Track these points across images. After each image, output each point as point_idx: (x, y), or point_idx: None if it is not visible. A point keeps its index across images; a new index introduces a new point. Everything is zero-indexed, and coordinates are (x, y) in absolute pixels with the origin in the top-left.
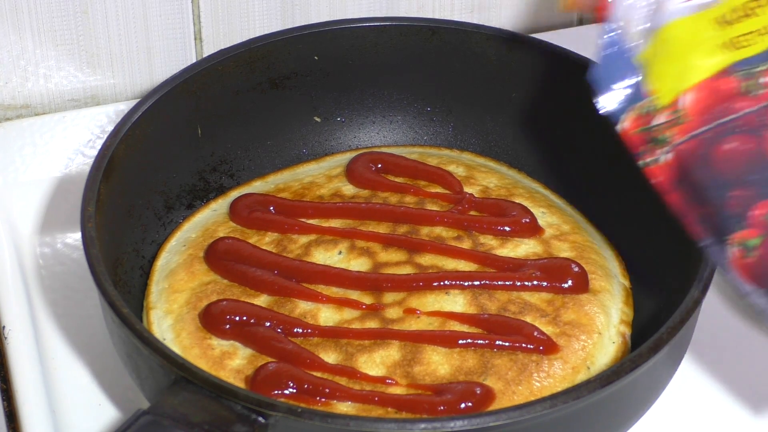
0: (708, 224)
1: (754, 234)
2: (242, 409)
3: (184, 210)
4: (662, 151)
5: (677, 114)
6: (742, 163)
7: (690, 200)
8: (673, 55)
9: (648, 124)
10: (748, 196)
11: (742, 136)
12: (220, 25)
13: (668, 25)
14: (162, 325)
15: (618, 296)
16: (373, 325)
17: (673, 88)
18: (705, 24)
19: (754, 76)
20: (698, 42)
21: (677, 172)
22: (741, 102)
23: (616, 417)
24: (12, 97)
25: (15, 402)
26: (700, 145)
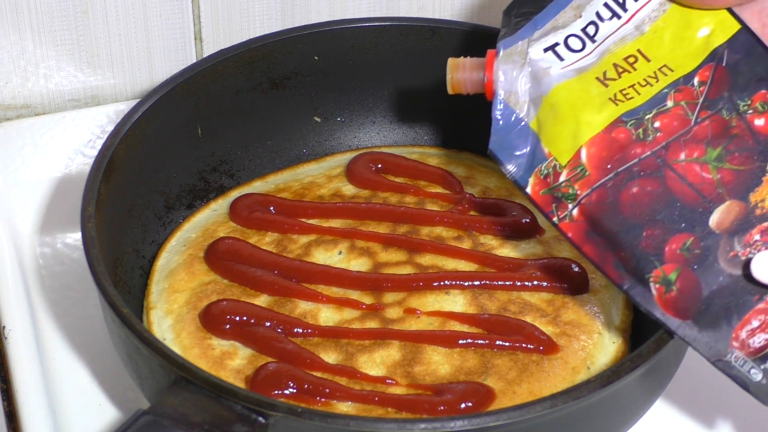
0: (626, 268)
1: (672, 268)
2: (242, 409)
3: (184, 210)
4: (571, 206)
5: (578, 169)
6: (649, 204)
7: (604, 248)
8: (563, 116)
9: (550, 185)
10: (660, 233)
11: (645, 180)
12: (220, 25)
13: (554, 90)
14: (162, 325)
15: (618, 296)
16: (374, 325)
17: (570, 147)
18: (588, 84)
19: (645, 123)
20: (585, 100)
21: (587, 224)
22: (636, 148)
23: (616, 417)
24: (12, 97)
25: (15, 402)
26: (605, 195)
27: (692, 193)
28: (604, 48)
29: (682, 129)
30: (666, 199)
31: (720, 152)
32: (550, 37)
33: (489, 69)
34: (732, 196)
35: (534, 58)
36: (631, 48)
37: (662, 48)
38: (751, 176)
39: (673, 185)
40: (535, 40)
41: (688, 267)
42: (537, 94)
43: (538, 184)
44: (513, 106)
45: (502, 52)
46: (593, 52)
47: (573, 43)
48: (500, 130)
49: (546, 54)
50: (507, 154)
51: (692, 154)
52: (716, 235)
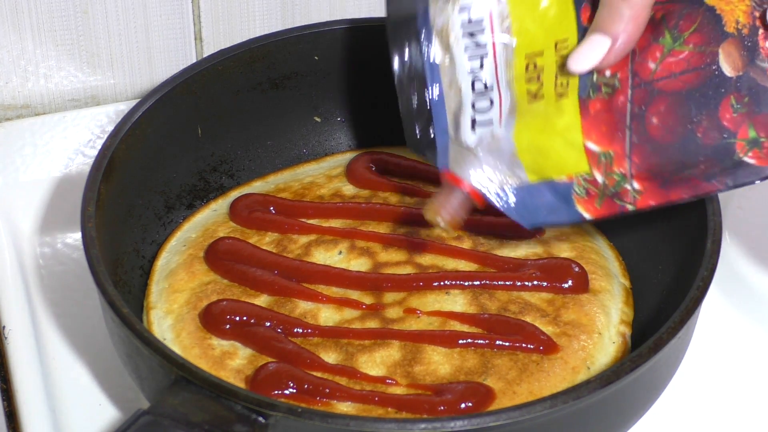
0: (717, 171)
1: (744, 130)
2: (242, 409)
3: (184, 210)
4: (629, 186)
5: (602, 158)
6: (675, 116)
7: (687, 179)
8: (544, 145)
9: (598, 193)
10: (707, 121)
11: (651, 108)
12: (220, 25)
13: (516, 140)
14: (162, 325)
15: (618, 296)
16: (374, 325)
17: (577, 156)
18: (530, 111)
19: (598, 81)
20: (544, 119)
21: (655, 181)
22: (619, 98)
23: (616, 417)
24: (12, 97)
25: (15, 402)
26: (641, 148)
27: (691, 75)
28: (504, 81)
29: (628, 55)
30: (680, 99)
31: (668, 35)
32: (463, 121)
33: (459, 183)
34: (715, 43)
35: (474, 143)
36: (519, 61)
37: (537, 34)
38: (710, 20)
39: (675, 86)
40: (457, 137)
41: (754, 115)
42: (507, 157)
43: (588, 204)
44: (505, 186)
45: (450, 165)
46: (502, 92)
47: (481, 104)
48: (519, 209)
49: (477, 131)
50: (545, 215)
51: (655, 57)
52: (744, 75)
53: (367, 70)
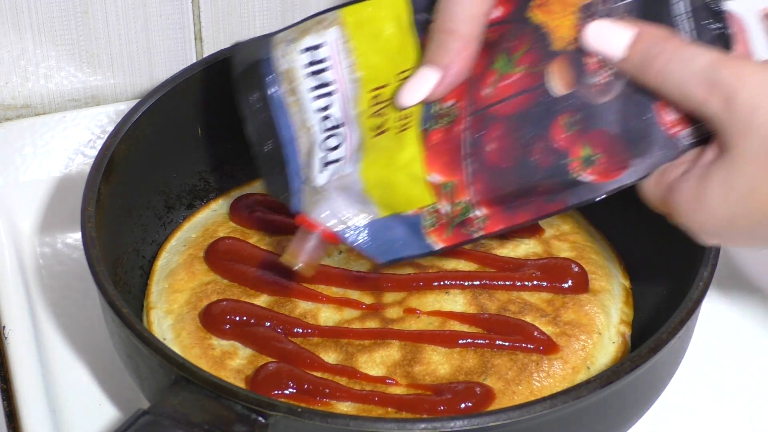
0: (554, 191)
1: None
2: (242, 409)
3: (184, 210)
4: (474, 212)
5: (446, 189)
6: (511, 140)
7: (528, 201)
8: (390, 180)
9: (446, 223)
10: (541, 142)
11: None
12: (220, 25)
13: (363, 178)
14: (162, 325)
15: (618, 296)
16: (373, 325)
17: (421, 188)
18: (375, 146)
19: (439, 111)
20: (388, 154)
21: (498, 206)
22: (457, 127)
23: (616, 417)
24: (12, 97)
25: (15, 402)
26: (481, 176)
27: (523, 97)
28: (351, 117)
29: (466, 83)
30: (514, 123)
31: (501, 58)
32: (314, 162)
33: (314, 226)
34: (544, 63)
35: (324, 182)
36: (365, 95)
37: (381, 67)
38: (538, 39)
39: (507, 110)
40: (309, 178)
41: (586, 132)
42: (357, 194)
43: (438, 235)
44: (358, 223)
45: (303, 208)
46: (351, 128)
47: (331, 142)
48: (374, 245)
49: (327, 170)
50: (399, 249)
51: (490, 82)
52: (574, 94)
53: None
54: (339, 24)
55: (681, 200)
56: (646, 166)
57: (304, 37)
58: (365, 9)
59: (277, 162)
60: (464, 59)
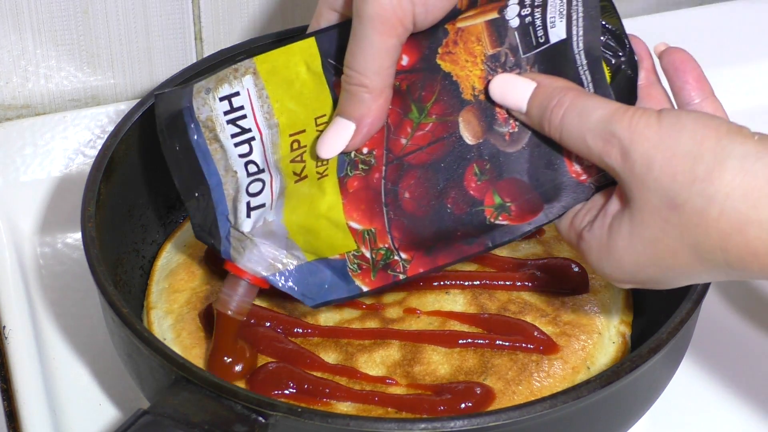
0: (475, 235)
1: (489, 197)
2: (242, 409)
3: (184, 210)
4: (396, 257)
5: (366, 235)
6: (425, 188)
7: (449, 245)
8: (312, 226)
9: (370, 267)
10: (456, 191)
11: (403, 182)
12: (220, 25)
13: (286, 224)
14: (162, 325)
15: (618, 296)
16: (373, 324)
17: (343, 235)
18: (295, 193)
19: (356, 158)
20: (309, 201)
21: (419, 250)
22: (374, 175)
23: (616, 417)
24: (12, 97)
25: (15, 402)
26: (398, 224)
27: (436, 146)
28: (273, 163)
29: (383, 132)
30: (428, 172)
31: (414, 108)
32: (240, 207)
33: (242, 273)
34: (455, 112)
35: (250, 229)
36: (284, 141)
37: (298, 113)
38: (448, 88)
39: (422, 159)
40: (236, 224)
41: (496, 181)
42: (282, 240)
43: (364, 278)
44: (286, 268)
45: (232, 254)
46: (273, 174)
47: (255, 188)
48: (302, 289)
49: (252, 215)
50: (327, 292)
51: (406, 132)
52: (485, 143)
53: None
54: (253, 72)
55: (589, 249)
56: (558, 209)
57: (221, 86)
58: (278, 57)
59: (207, 209)
60: (377, 111)
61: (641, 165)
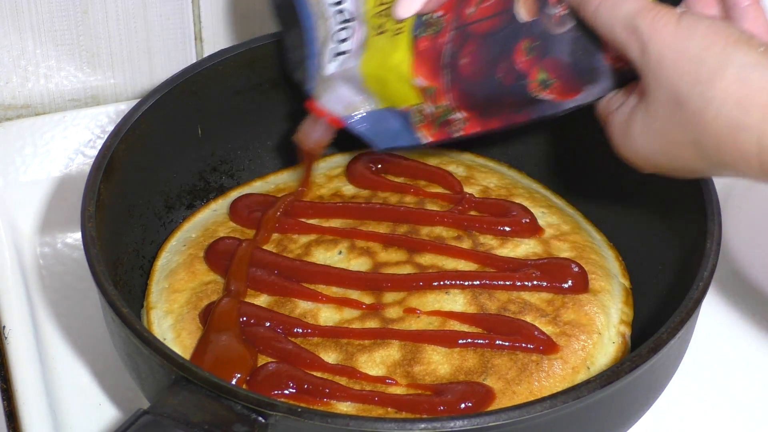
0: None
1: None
2: (242, 409)
3: (184, 210)
4: (455, 115)
5: (429, 92)
6: (482, 56)
7: (500, 111)
8: (384, 77)
9: (432, 120)
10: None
11: (465, 48)
12: (220, 25)
13: (362, 71)
14: (162, 325)
15: (618, 296)
16: (373, 324)
17: (408, 88)
18: (375, 44)
19: (430, 21)
20: (383, 54)
21: (475, 112)
22: (440, 39)
23: (616, 417)
24: (12, 97)
25: (15, 402)
26: (458, 85)
27: (495, 19)
28: (359, 16)
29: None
30: (485, 42)
31: None
32: (327, 51)
33: (321, 113)
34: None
35: (332, 72)
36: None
37: None
38: None
39: (482, 29)
40: (321, 66)
41: (541, 58)
42: (359, 86)
43: (426, 129)
44: (360, 112)
45: (315, 93)
46: (359, 25)
47: (342, 35)
48: (372, 133)
49: (336, 61)
50: (393, 139)
51: (474, 2)
52: (536, 22)
53: None
54: None
55: (613, 132)
56: (597, 91)
57: None
58: None
59: (300, 46)
60: None
61: (655, 61)
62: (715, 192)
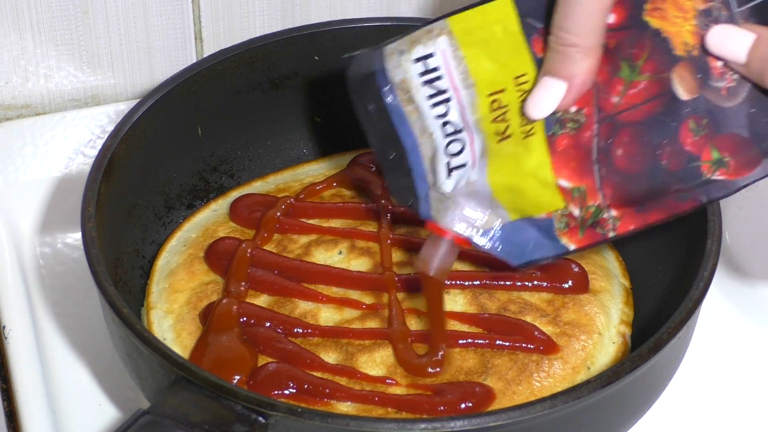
0: (687, 190)
1: (707, 151)
2: (242, 409)
3: (184, 210)
4: (606, 214)
5: (575, 193)
6: (639, 145)
7: (661, 202)
8: (519, 185)
9: (578, 225)
10: (669, 146)
11: (617, 140)
12: (220, 25)
13: (491, 183)
14: (162, 325)
15: (618, 296)
16: (374, 324)
17: (551, 193)
18: (500, 152)
19: (565, 117)
20: (514, 160)
21: (630, 207)
22: (585, 133)
23: (616, 417)
24: (12, 97)
25: (15, 402)
26: (611, 181)
27: (650, 104)
28: (472, 123)
29: (591, 90)
30: (642, 129)
31: (625, 66)
32: (439, 168)
33: (443, 233)
34: (668, 69)
35: (451, 189)
36: (483, 101)
37: (496, 72)
38: (659, 44)
39: (636, 116)
40: (436, 184)
41: (714, 136)
42: (486, 199)
43: (571, 236)
44: (489, 228)
45: (432, 214)
46: (473, 134)
47: (454, 148)
48: (506, 249)
49: (453, 176)
50: (532, 251)
51: (618, 91)
52: (700, 98)
53: None
54: (447, 33)
55: None
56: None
57: (415, 47)
58: (473, 17)
59: (402, 170)
60: (588, 70)
61: None
62: None
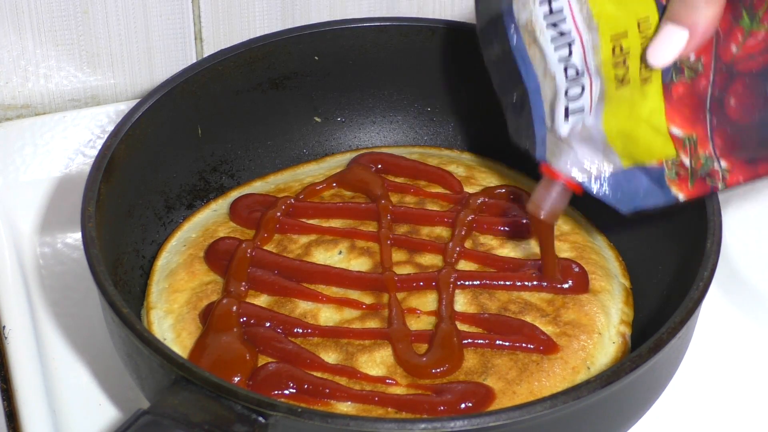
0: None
1: None
2: (242, 409)
3: (184, 210)
4: (717, 165)
5: (688, 142)
6: (752, 94)
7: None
8: (632, 131)
9: (689, 175)
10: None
11: (731, 90)
12: (220, 25)
13: (606, 128)
14: (162, 325)
15: (618, 296)
16: (374, 324)
17: (663, 141)
18: (619, 97)
19: (683, 64)
20: (630, 105)
21: (741, 157)
22: (701, 82)
23: (616, 417)
24: (12, 97)
25: (15, 402)
26: (723, 131)
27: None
28: (593, 68)
29: (712, 39)
30: (757, 79)
31: (746, 15)
32: (558, 111)
33: (556, 175)
34: None
35: (568, 133)
36: (606, 44)
37: (619, 15)
38: None
39: (752, 66)
40: (553, 127)
41: None
42: (600, 144)
43: (681, 186)
44: (601, 173)
45: (548, 157)
46: (593, 78)
47: (574, 92)
48: (617, 195)
49: (570, 119)
50: (642, 199)
51: (737, 40)
52: None
53: (367, 70)
54: None
55: None
56: None
57: None
58: None
59: (524, 112)
60: (711, 17)
61: None
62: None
